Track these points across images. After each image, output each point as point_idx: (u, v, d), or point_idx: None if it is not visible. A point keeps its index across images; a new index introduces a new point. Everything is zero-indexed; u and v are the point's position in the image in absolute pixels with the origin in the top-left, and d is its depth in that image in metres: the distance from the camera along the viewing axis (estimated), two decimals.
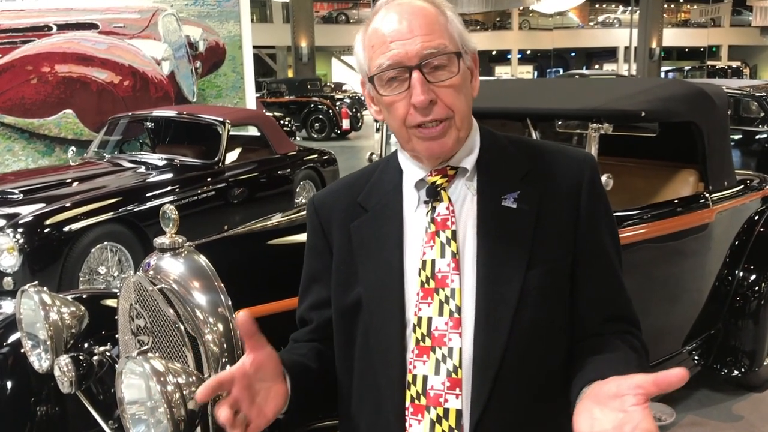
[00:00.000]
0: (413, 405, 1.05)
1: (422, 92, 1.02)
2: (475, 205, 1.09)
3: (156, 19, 9.05)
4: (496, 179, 1.10)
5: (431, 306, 1.05)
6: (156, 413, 1.52)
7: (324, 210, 1.21)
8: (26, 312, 2.07)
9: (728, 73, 22.64)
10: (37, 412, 2.22)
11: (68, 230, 4.15)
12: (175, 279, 1.81)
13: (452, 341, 1.03)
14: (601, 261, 1.11)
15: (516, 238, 1.06)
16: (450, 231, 1.07)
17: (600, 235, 1.12)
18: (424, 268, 1.07)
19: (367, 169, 1.25)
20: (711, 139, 2.76)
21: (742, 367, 3.14)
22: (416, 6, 1.05)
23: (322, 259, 1.20)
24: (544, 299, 1.05)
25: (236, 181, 5.59)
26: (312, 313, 1.21)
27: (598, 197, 1.12)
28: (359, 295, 1.11)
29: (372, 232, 1.13)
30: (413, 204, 1.13)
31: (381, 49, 1.05)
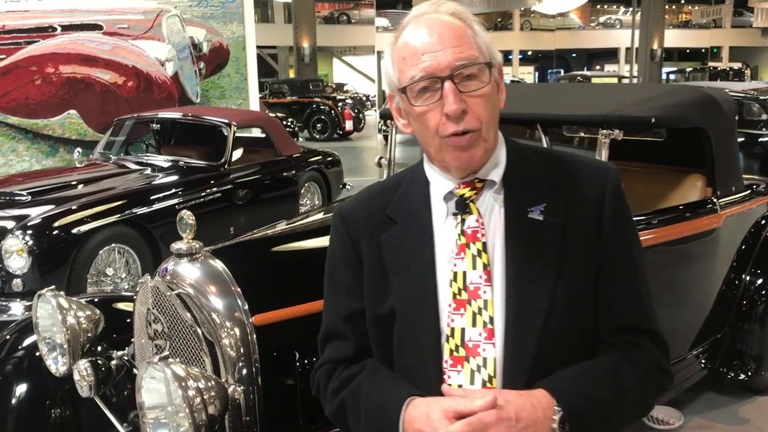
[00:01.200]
0: None
1: (455, 101, 1.05)
2: (503, 217, 1.11)
3: (160, 20, 9.07)
4: (522, 191, 1.12)
5: (464, 317, 1.07)
6: (176, 418, 1.55)
7: (352, 221, 1.23)
8: (43, 316, 2.08)
9: (730, 74, 22.65)
10: (51, 415, 2.24)
11: (76, 232, 4.16)
12: (192, 284, 1.83)
13: (486, 351, 1.06)
14: (622, 271, 1.13)
15: (543, 250, 1.08)
16: (480, 243, 1.09)
17: (623, 246, 1.14)
18: (456, 280, 1.09)
19: (392, 180, 1.27)
20: (719, 144, 2.78)
21: (748, 371, 3.15)
22: (445, 20, 1.08)
23: (352, 270, 1.21)
24: (572, 309, 1.07)
25: (242, 183, 5.61)
26: (346, 325, 1.21)
27: (621, 209, 1.14)
28: (392, 306, 1.13)
29: (402, 243, 1.15)
30: (442, 216, 1.15)
31: (413, 61, 1.07)
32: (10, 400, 2.23)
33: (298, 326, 1.89)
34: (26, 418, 2.22)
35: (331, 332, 1.26)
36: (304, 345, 1.89)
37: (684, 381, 3.03)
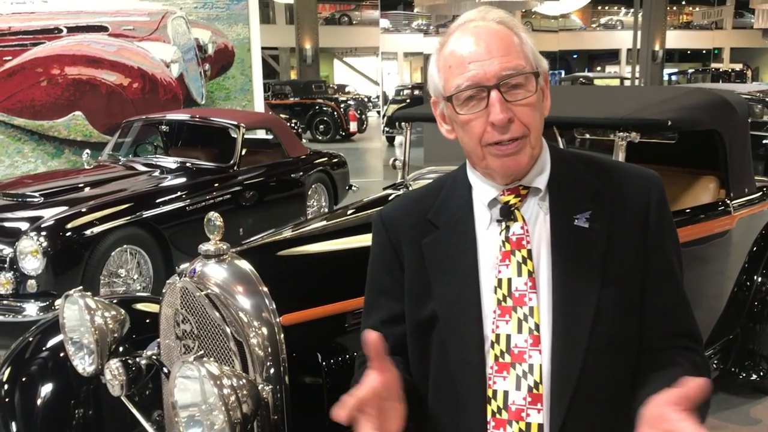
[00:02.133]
0: (494, 419, 1.08)
1: (501, 111, 1.05)
2: (548, 225, 1.12)
3: (165, 21, 9.09)
4: (567, 198, 1.13)
5: (509, 324, 1.08)
6: (210, 416, 1.57)
7: (393, 226, 1.24)
8: (70, 316, 2.11)
9: (731, 75, 22.68)
10: (76, 414, 2.27)
11: (89, 234, 4.19)
12: (219, 284, 1.86)
13: (532, 358, 1.07)
14: (666, 278, 1.15)
15: (589, 258, 1.09)
16: (525, 250, 1.10)
17: (667, 253, 1.15)
18: (500, 287, 1.10)
19: (432, 185, 1.28)
20: (732, 146, 2.80)
21: (760, 371, 3.18)
22: (492, 28, 1.09)
23: (392, 274, 1.22)
24: (618, 316, 1.08)
25: (251, 185, 5.63)
26: (384, 329, 1.22)
27: (665, 217, 1.16)
28: (434, 311, 1.14)
29: (444, 249, 1.16)
30: (485, 222, 1.16)
31: (459, 69, 1.08)
32: (36, 399, 2.26)
33: (325, 326, 1.92)
34: (51, 417, 2.24)
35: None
36: (329, 345, 1.91)
37: None
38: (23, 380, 2.31)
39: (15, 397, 2.27)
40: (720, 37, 35.56)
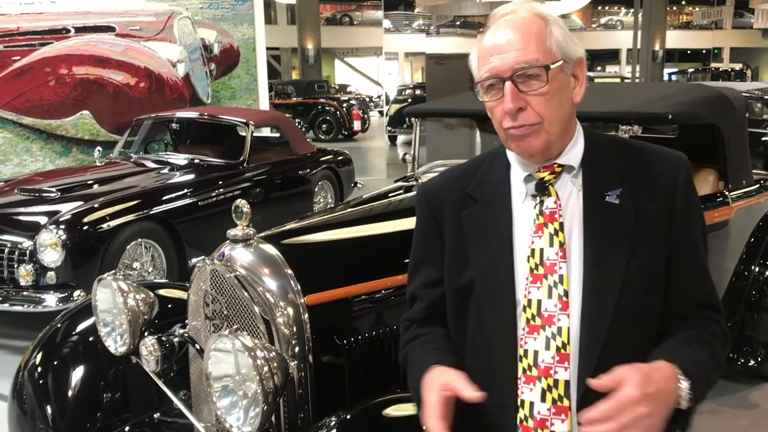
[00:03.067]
0: (525, 375, 1.19)
1: (511, 101, 1.16)
2: (581, 200, 1.22)
3: (171, 22, 9.20)
4: (599, 177, 1.23)
5: (540, 290, 1.19)
6: (243, 386, 1.69)
7: (435, 199, 1.35)
8: (102, 299, 2.23)
9: (731, 75, 22.80)
10: (106, 394, 2.38)
11: (105, 227, 4.30)
12: (247, 267, 1.97)
13: (561, 321, 1.17)
14: (691, 254, 1.25)
15: (619, 232, 1.19)
16: (558, 223, 1.20)
17: (692, 231, 1.25)
18: (533, 256, 1.20)
19: (472, 162, 1.39)
20: (731, 140, 2.92)
21: (758, 357, 3.30)
22: (518, 22, 1.18)
23: (433, 243, 1.33)
24: (644, 288, 1.19)
25: (260, 181, 5.75)
26: (424, 291, 1.34)
27: (691, 196, 1.26)
28: (472, 278, 1.25)
29: (482, 221, 1.27)
30: (521, 196, 1.26)
31: (484, 60, 1.20)
32: (68, 381, 2.37)
33: (347, 306, 2.04)
34: (83, 398, 2.35)
35: (413, 295, 1.40)
36: (351, 323, 2.03)
37: None
38: (55, 363, 2.42)
39: (48, 380, 2.38)
40: (720, 36, 35.66)
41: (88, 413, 2.34)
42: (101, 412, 2.35)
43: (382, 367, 2.06)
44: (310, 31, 21.01)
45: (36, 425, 2.34)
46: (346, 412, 1.73)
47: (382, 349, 2.06)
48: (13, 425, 2.40)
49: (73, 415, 2.32)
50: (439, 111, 3.56)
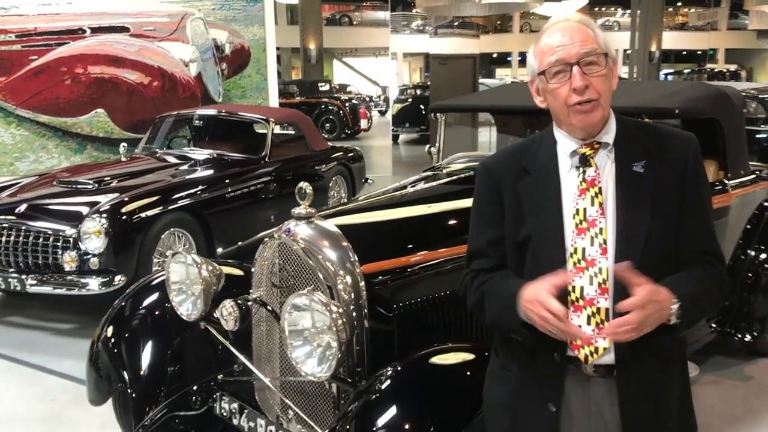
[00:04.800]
0: (573, 305, 1.49)
1: (581, 79, 1.46)
2: (614, 170, 1.53)
3: (185, 22, 9.44)
4: (628, 151, 1.54)
5: (584, 239, 1.49)
6: (318, 338, 1.98)
7: (494, 173, 1.65)
8: (176, 271, 2.51)
9: (726, 76, 23.17)
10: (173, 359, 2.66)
11: (143, 216, 4.58)
12: (309, 240, 2.26)
13: (601, 263, 1.48)
14: (699, 211, 1.56)
15: (643, 194, 1.50)
16: (597, 188, 1.51)
17: (701, 192, 1.57)
18: (578, 214, 1.51)
19: (525, 142, 1.69)
20: (730, 133, 3.22)
21: (754, 332, 3.60)
22: (572, 25, 1.50)
23: (494, 208, 1.62)
24: (663, 237, 1.50)
25: (280, 175, 6.02)
26: (490, 248, 1.62)
27: (699, 168, 1.57)
28: (529, 233, 1.55)
29: (535, 188, 1.57)
30: (566, 168, 1.56)
31: (549, 53, 1.50)
32: (140, 348, 2.65)
33: (398, 275, 2.33)
34: (154, 362, 2.63)
35: (476, 251, 1.67)
36: (402, 290, 2.32)
37: (694, 343, 3.45)
38: (126, 335, 2.70)
39: (121, 348, 2.66)
40: (715, 38, 36.05)
41: (158, 376, 2.61)
42: (170, 375, 2.62)
43: (429, 331, 2.35)
44: (312, 32, 21.28)
45: (112, 386, 2.62)
46: (400, 363, 2.02)
47: (429, 314, 2.35)
48: (91, 387, 2.68)
49: (146, 377, 2.59)
50: (460, 107, 3.84)
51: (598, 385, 1.53)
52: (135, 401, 2.53)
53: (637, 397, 1.52)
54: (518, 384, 1.61)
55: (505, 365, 1.66)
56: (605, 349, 1.49)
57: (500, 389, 1.66)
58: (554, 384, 1.54)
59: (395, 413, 1.88)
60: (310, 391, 2.30)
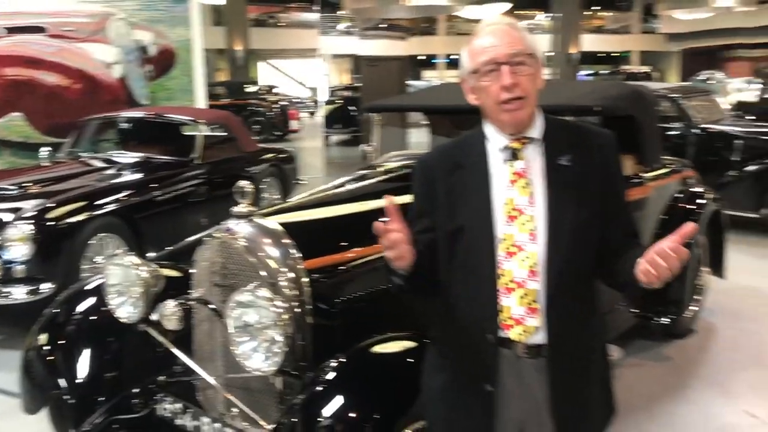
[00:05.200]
0: (504, 287, 1.59)
1: (510, 77, 1.56)
2: (542, 163, 1.63)
3: (106, 23, 9.18)
4: (554, 146, 1.64)
5: (513, 227, 1.60)
6: (263, 333, 2.01)
7: (429, 169, 1.74)
8: (114, 273, 2.48)
9: (641, 77, 24.29)
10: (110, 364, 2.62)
11: (71, 222, 4.46)
12: (251, 238, 2.29)
13: (530, 248, 1.58)
14: (621, 201, 1.71)
15: (569, 185, 1.61)
16: (525, 180, 1.61)
17: (618, 185, 1.71)
18: (507, 204, 1.61)
19: (458, 139, 1.78)
20: (646, 129, 3.44)
21: (670, 315, 3.84)
22: (504, 27, 1.60)
23: (430, 201, 1.71)
24: (588, 225, 1.61)
25: (211, 177, 5.96)
26: (421, 236, 1.70)
27: (617, 161, 1.72)
28: (461, 223, 1.64)
29: (468, 181, 1.66)
30: (497, 162, 1.66)
31: (480, 55, 1.59)
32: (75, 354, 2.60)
33: (339, 271, 2.38)
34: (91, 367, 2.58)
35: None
36: (344, 284, 2.38)
37: (616, 328, 3.66)
38: (59, 342, 2.64)
39: (56, 356, 2.61)
40: (629, 41, 37.75)
41: (96, 381, 2.57)
42: (108, 380, 2.59)
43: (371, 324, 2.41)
44: (238, 33, 21.02)
45: (47, 394, 2.57)
46: (343, 354, 2.08)
47: (370, 307, 2.42)
48: (25, 396, 2.61)
49: (83, 383, 2.55)
50: (394, 107, 3.93)
51: (529, 365, 1.63)
52: (73, 407, 2.49)
53: (565, 377, 1.63)
54: (455, 369, 1.70)
55: (442, 353, 1.74)
56: (536, 329, 1.59)
57: (438, 377, 1.74)
58: (489, 365, 1.63)
59: (341, 403, 1.93)
60: (254, 387, 2.33)
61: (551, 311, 1.59)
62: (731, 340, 4.20)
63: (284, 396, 2.27)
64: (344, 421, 1.90)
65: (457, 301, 1.65)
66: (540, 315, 1.59)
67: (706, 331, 4.31)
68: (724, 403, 3.44)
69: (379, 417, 1.90)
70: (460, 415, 1.68)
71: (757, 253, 6.09)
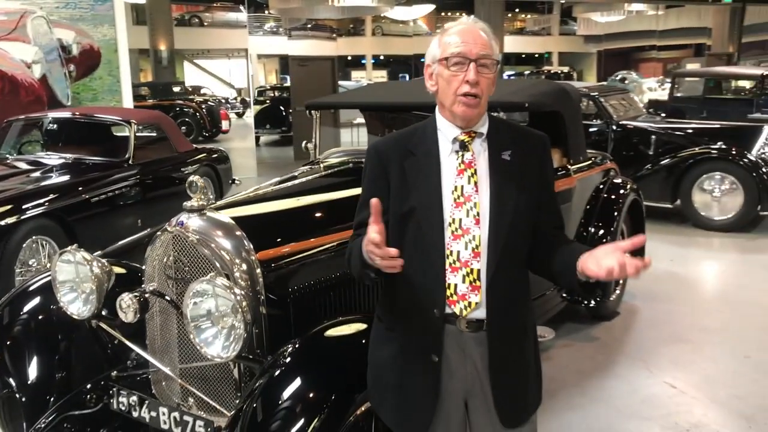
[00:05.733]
0: (451, 267, 1.73)
1: (475, 75, 1.69)
2: (487, 156, 1.78)
3: (24, 21, 8.86)
4: (498, 142, 1.80)
5: (461, 212, 1.74)
6: (222, 320, 2.09)
7: (383, 154, 1.85)
8: (64, 270, 2.49)
9: (561, 77, 25.22)
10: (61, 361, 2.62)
11: (2, 224, 4.35)
12: (203, 231, 2.35)
13: (474, 231, 1.73)
14: (551, 194, 1.89)
15: (511, 177, 1.77)
16: (473, 169, 1.76)
17: (550, 181, 1.89)
18: (456, 190, 1.75)
19: (410, 128, 1.89)
20: (570, 123, 3.67)
21: (597, 297, 4.11)
22: (478, 28, 1.74)
23: (382, 185, 1.82)
24: (526, 212, 1.77)
25: (145, 178, 5.90)
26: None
27: (550, 161, 1.90)
28: (412, 205, 1.76)
29: (420, 168, 1.79)
30: (447, 152, 1.79)
31: (455, 44, 1.71)
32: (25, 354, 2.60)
33: (291, 261, 2.47)
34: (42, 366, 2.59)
35: (361, 222, 1.82)
36: (297, 273, 2.47)
37: (547, 312, 3.88)
38: (8, 343, 2.63)
39: (5, 357, 2.59)
40: (550, 42, 39.11)
41: (47, 379, 2.57)
42: (59, 377, 2.59)
43: (322, 311, 2.52)
44: (162, 32, 20.54)
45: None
46: (299, 339, 2.17)
47: (322, 295, 2.52)
48: None
49: (34, 381, 2.55)
50: (334, 104, 4.04)
51: (470, 338, 1.77)
52: (25, 405, 2.48)
53: (503, 348, 1.79)
54: (402, 342, 1.82)
55: (390, 327, 1.86)
56: (477, 304, 1.74)
57: (386, 350, 1.86)
58: (435, 337, 1.77)
59: (299, 385, 2.02)
60: (210, 376, 2.39)
61: (490, 289, 1.74)
62: (651, 320, 4.52)
63: (241, 384, 2.35)
64: (304, 401, 1.98)
65: (406, 279, 1.77)
66: (481, 292, 1.73)
67: (629, 313, 4.62)
68: (647, 375, 3.72)
69: (337, 395, 2.00)
70: (409, 381, 1.80)
71: (672, 241, 6.52)
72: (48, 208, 4.74)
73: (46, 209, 4.71)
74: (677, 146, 7.18)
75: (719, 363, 3.88)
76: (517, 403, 1.82)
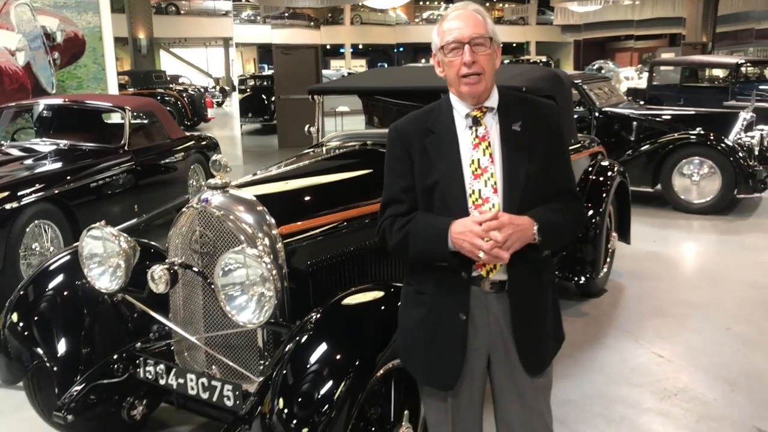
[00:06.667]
0: None
1: (470, 56, 1.85)
2: (499, 128, 1.93)
3: (7, 8, 8.80)
4: (508, 114, 1.95)
5: (480, 182, 1.89)
6: (252, 288, 2.22)
7: (404, 133, 2.00)
8: (92, 245, 2.60)
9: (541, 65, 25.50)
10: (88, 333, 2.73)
11: (8, 208, 4.41)
12: (227, 207, 2.48)
13: (493, 199, 1.88)
14: (561, 159, 2.01)
15: (522, 147, 1.91)
16: (486, 142, 1.91)
17: (561, 147, 2.02)
18: (473, 163, 1.90)
19: (427, 108, 2.03)
20: (563, 107, 3.84)
21: (586, 275, 4.31)
22: (470, 12, 1.89)
23: (404, 162, 1.97)
24: (537, 180, 1.91)
25: (140, 164, 5.98)
26: (404, 195, 1.95)
27: (560, 127, 2.03)
28: (435, 179, 1.91)
29: (439, 144, 1.94)
30: (462, 128, 1.94)
31: (449, 32, 1.87)
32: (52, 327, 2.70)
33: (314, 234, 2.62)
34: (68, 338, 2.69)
35: (391, 199, 1.99)
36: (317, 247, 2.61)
37: None
38: (35, 318, 2.72)
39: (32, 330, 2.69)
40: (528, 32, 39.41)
41: (75, 351, 2.68)
42: (86, 350, 2.70)
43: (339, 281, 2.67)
44: (141, 20, 20.37)
45: (25, 366, 2.65)
46: (321, 307, 2.31)
47: (339, 268, 2.67)
48: (2, 370, 2.69)
49: (63, 353, 2.65)
50: (337, 89, 4.17)
51: (494, 299, 1.93)
52: (56, 374, 2.59)
53: (523, 307, 1.94)
54: (433, 303, 1.97)
55: (420, 290, 2.01)
56: (500, 266, 1.90)
57: (416, 311, 2.01)
58: (462, 298, 1.92)
59: (325, 349, 2.15)
60: (236, 344, 2.52)
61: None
62: (637, 296, 4.73)
63: (265, 351, 2.48)
64: (332, 364, 2.12)
65: None
66: None
67: (615, 290, 4.84)
68: (636, 346, 3.93)
69: (361, 357, 2.14)
70: (439, 338, 1.96)
71: (654, 223, 6.76)
72: (49, 193, 4.79)
73: (48, 194, 4.77)
74: (658, 132, 7.42)
75: (702, 334, 4.10)
76: (537, 354, 1.99)
